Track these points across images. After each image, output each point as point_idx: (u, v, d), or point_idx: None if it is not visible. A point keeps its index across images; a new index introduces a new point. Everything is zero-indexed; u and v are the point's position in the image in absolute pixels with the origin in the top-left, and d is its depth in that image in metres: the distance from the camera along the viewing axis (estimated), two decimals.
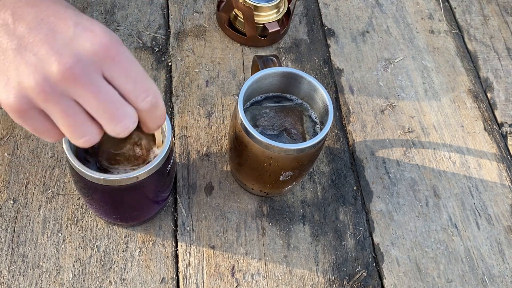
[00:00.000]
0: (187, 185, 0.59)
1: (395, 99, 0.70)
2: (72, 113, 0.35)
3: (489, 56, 0.77)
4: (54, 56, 0.33)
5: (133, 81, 0.36)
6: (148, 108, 0.37)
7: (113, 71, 0.35)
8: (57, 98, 0.34)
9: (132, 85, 0.36)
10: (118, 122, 0.36)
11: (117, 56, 0.35)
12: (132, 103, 0.36)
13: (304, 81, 0.53)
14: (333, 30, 0.76)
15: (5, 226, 0.54)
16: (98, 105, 0.34)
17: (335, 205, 0.60)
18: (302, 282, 0.55)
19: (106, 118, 0.35)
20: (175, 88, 0.67)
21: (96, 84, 0.34)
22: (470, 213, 0.62)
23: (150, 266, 0.54)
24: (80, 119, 0.35)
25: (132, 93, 0.36)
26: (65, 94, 0.34)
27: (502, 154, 0.67)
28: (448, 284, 0.57)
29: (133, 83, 0.36)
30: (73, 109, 0.34)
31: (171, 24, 0.73)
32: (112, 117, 0.35)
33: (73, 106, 0.34)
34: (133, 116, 0.36)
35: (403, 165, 0.64)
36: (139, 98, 0.36)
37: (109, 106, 0.35)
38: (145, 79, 0.37)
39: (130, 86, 0.36)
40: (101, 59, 0.34)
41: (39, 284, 0.52)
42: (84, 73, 0.33)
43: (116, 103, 0.35)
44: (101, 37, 0.34)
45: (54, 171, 0.58)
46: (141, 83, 0.36)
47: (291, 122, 0.53)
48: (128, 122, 0.36)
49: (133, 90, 0.36)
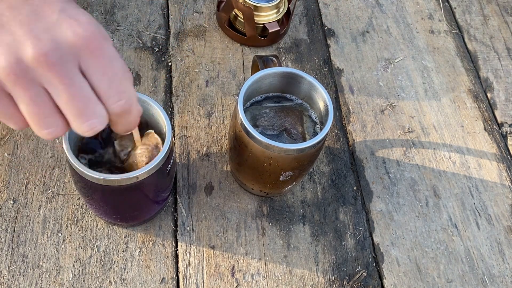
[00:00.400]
0: (187, 185, 0.59)
1: (395, 99, 0.70)
2: (39, 101, 0.33)
3: (489, 56, 0.77)
4: (31, 39, 0.31)
5: (108, 80, 0.34)
6: (118, 112, 0.35)
7: (90, 65, 0.33)
8: (26, 83, 0.32)
9: (106, 84, 0.34)
10: (85, 120, 0.34)
11: (97, 50, 0.33)
12: (104, 103, 0.34)
13: (304, 81, 0.53)
14: (333, 30, 0.76)
15: (5, 226, 0.54)
16: (67, 98, 0.33)
17: (335, 205, 0.60)
18: (302, 282, 0.55)
19: (74, 114, 0.33)
20: (175, 88, 0.67)
21: (69, 76, 0.32)
22: (470, 213, 0.62)
23: (150, 266, 0.54)
24: (47, 110, 0.33)
25: (105, 93, 0.34)
26: (36, 81, 0.32)
27: (502, 154, 0.67)
28: (448, 284, 0.57)
29: (108, 82, 0.34)
30: (41, 98, 0.33)
31: (171, 24, 0.73)
32: (80, 113, 0.33)
33: (41, 94, 0.33)
34: (102, 117, 0.34)
35: (403, 165, 0.64)
36: (110, 100, 0.34)
37: (79, 101, 0.33)
38: (122, 81, 0.35)
39: (105, 85, 0.34)
40: (80, 50, 0.32)
41: (39, 284, 0.52)
42: (60, 61, 0.32)
43: (87, 100, 0.33)
44: (85, 28, 0.32)
45: (54, 171, 0.58)
46: (116, 84, 0.34)
47: (291, 122, 0.53)
48: (95, 122, 0.34)
49: (106, 90, 0.34)
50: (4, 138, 0.60)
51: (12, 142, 0.60)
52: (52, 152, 0.59)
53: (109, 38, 0.34)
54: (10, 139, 0.60)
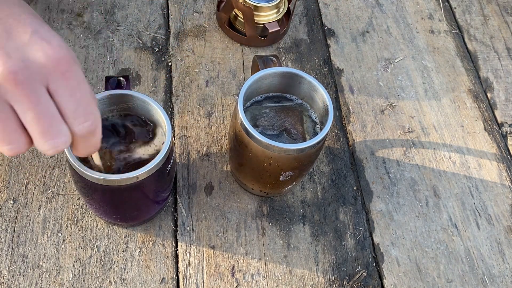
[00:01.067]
0: (187, 185, 0.59)
1: (395, 99, 0.70)
2: (3, 117, 0.33)
3: (489, 56, 0.77)
4: (1, 56, 0.32)
5: (76, 101, 0.34)
6: (83, 134, 0.36)
7: (59, 86, 0.34)
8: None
9: (74, 105, 0.34)
10: (49, 139, 0.34)
11: (67, 72, 0.34)
12: (69, 124, 0.35)
13: (304, 81, 0.53)
14: (333, 30, 0.76)
15: (5, 226, 0.54)
16: (33, 117, 0.33)
17: (335, 205, 0.60)
18: (302, 282, 0.55)
19: (38, 132, 0.34)
20: (175, 88, 0.67)
21: (36, 95, 0.33)
22: (470, 213, 0.62)
23: (150, 266, 0.54)
24: (11, 126, 0.33)
25: (72, 114, 0.34)
26: (2, 97, 0.32)
27: (502, 154, 0.67)
28: (448, 284, 0.57)
29: (75, 103, 0.34)
30: (6, 114, 0.33)
31: (171, 24, 0.73)
32: (44, 132, 0.34)
33: (6, 111, 0.33)
34: (66, 136, 0.35)
35: (403, 165, 0.64)
36: (76, 121, 0.35)
37: (43, 120, 0.33)
38: (89, 103, 0.35)
39: (72, 106, 0.34)
40: (49, 71, 0.33)
41: (39, 284, 0.52)
42: (28, 81, 0.32)
43: (52, 119, 0.34)
44: (56, 50, 0.33)
45: (54, 171, 0.58)
46: (84, 106, 0.35)
47: (291, 122, 0.53)
48: (58, 141, 0.34)
49: (73, 111, 0.34)
50: None
51: None
52: None
53: (78, 62, 0.35)
54: None
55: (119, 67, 0.67)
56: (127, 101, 0.49)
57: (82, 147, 0.37)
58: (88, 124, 0.35)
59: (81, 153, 0.38)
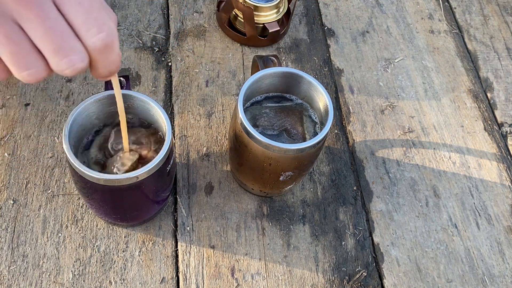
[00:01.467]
0: (187, 185, 0.59)
1: (395, 99, 0.70)
2: (16, 39, 0.31)
3: (489, 56, 0.77)
4: None
5: (85, 11, 0.31)
6: (99, 47, 0.32)
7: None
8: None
9: (83, 15, 0.31)
10: (63, 57, 0.31)
11: None
12: (82, 38, 0.32)
13: (304, 81, 0.53)
14: (333, 30, 0.76)
15: (5, 226, 0.54)
16: (43, 34, 0.31)
17: (335, 205, 0.60)
18: (302, 282, 0.55)
19: (51, 50, 0.31)
20: (175, 88, 0.67)
21: (44, 9, 0.30)
22: (470, 213, 0.62)
23: (150, 266, 0.54)
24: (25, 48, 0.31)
25: (83, 25, 0.31)
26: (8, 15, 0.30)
27: (502, 154, 0.67)
28: (448, 284, 0.57)
29: (85, 13, 0.31)
30: (17, 35, 0.31)
31: (171, 24, 0.73)
32: (57, 49, 0.31)
33: (17, 31, 0.31)
34: (81, 53, 0.32)
35: (403, 165, 0.64)
36: (89, 32, 0.32)
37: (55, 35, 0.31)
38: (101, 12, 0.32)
39: (82, 16, 0.31)
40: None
41: (39, 284, 0.52)
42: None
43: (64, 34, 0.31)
44: None
45: (54, 171, 0.58)
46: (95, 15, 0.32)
47: (291, 122, 0.53)
48: (75, 59, 0.32)
49: (84, 22, 0.31)
50: (4, 138, 0.60)
51: (12, 142, 0.60)
52: (52, 152, 0.59)
53: None
54: (10, 139, 0.60)
55: (119, 67, 0.67)
56: (127, 101, 0.49)
57: (101, 66, 0.34)
58: (103, 35, 0.32)
59: (102, 72, 0.35)
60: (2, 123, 0.61)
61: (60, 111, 0.63)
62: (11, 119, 0.61)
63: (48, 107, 0.63)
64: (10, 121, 0.61)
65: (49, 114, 0.62)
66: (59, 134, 0.61)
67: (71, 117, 0.46)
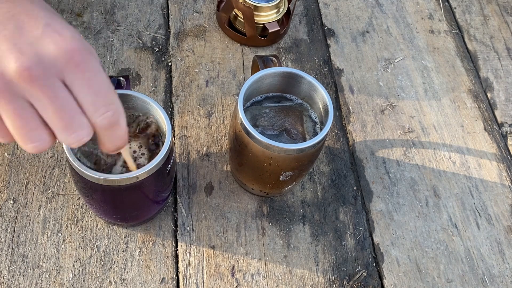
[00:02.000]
0: (187, 185, 0.59)
1: (395, 99, 0.70)
2: (24, 115, 0.33)
3: (489, 56, 0.77)
4: (14, 53, 0.31)
5: (94, 92, 0.33)
6: (105, 125, 0.35)
7: (75, 79, 0.33)
8: (10, 97, 0.32)
9: (92, 96, 0.33)
10: (72, 132, 0.34)
11: (82, 64, 0.33)
12: (89, 116, 0.34)
13: (304, 81, 0.53)
14: (333, 30, 0.76)
15: (5, 226, 0.54)
16: (53, 112, 0.33)
17: (335, 205, 0.60)
18: (302, 282, 0.55)
19: (61, 127, 0.33)
20: (175, 88, 0.67)
21: (53, 89, 0.32)
22: (470, 213, 0.62)
23: (150, 266, 0.54)
24: (32, 123, 0.33)
25: (91, 106, 0.34)
26: (20, 95, 0.32)
27: (502, 154, 0.67)
28: (448, 284, 0.57)
29: (94, 94, 0.33)
30: (26, 112, 0.33)
31: (171, 24, 0.73)
32: (67, 126, 0.33)
33: (26, 108, 0.33)
34: (88, 127, 0.34)
35: (403, 165, 0.64)
36: (97, 112, 0.34)
37: (64, 114, 0.33)
38: (109, 93, 0.34)
39: (91, 98, 0.33)
40: (63, 64, 0.32)
41: (39, 284, 0.52)
42: (43, 75, 0.32)
43: (72, 112, 0.33)
44: (69, 42, 0.33)
45: (54, 171, 0.58)
46: (103, 96, 0.34)
47: (291, 122, 0.53)
48: (82, 133, 0.34)
49: (93, 102, 0.34)
50: None
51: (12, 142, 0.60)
52: (52, 152, 0.59)
53: (94, 52, 0.34)
54: None
55: (119, 67, 0.67)
56: (127, 101, 0.49)
57: (108, 141, 0.36)
58: (109, 114, 0.34)
59: (108, 147, 0.37)
60: None
61: None
62: None
63: None
64: None
65: None
66: None
67: None
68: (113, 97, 0.35)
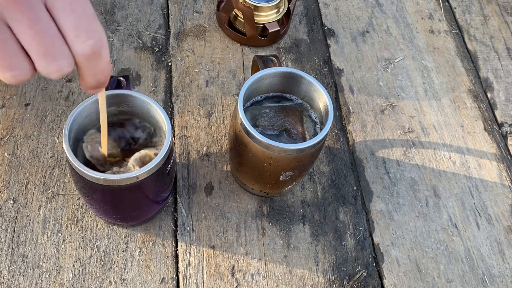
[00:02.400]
0: (187, 185, 0.59)
1: (395, 99, 0.70)
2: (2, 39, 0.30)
3: (489, 56, 0.77)
4: None
5: (76, 17, 0.31)
6: (87, 54, 0.32)
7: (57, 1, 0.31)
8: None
9: (75, 21, 0.31)
10: (51, 60, 0.31)
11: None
12: (70, 43, 0.32)
13: (304, 81, 0.53)
14: (333, 30, 0.76)
15: (5, 226, 0.54)
16: (33, 36, 0.30)
17: (335, 205, 0.60)
18: (302, 282, 0.55)
19: (40, 53, 0.31)
20: (175, 88, 0.67)
21: (35, 11, 0.30)
22: (470, 213, 0.62)
23: (150, 266, 0.54)
24: (12, 49, 0.31)
25: (73, 31, 0.31)
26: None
27: (502, 154, 0.67)
28: (448, 284, 0.57)
29: (76, 19, 0.31)
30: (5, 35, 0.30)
31: (171, 24, 0.73)
32: (46, 52, 0.31)
33: (5, 32, 0.30)
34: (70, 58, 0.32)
35: (403, 165, 0.64)
36: (78, 39, 0.31)
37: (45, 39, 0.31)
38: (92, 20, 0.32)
39: (73, 22, 0.31)
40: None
41: (39, 284, 0.52)
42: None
43: (54, 38, 0.31)
44: None
45: (54, 171, 0.58)
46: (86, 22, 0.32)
47: (291, 122, 0.53)
48: (63, 63, 0.32)
49: (74, 27, 0.31)
50: (4, 138, 0.60)
51: (12, 142, 0.60)
52: (52, 152, 0.59)
53: None
54: (10, 139, 0.60)
55: (119, 67, 0.67)
56: (127, 101, 0.49)
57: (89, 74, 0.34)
58: (91, 42, 0.32)
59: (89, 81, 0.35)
60: (2, 123, 0.61)
61: (60, 111, 0.63)
62: (11, 119, 0.61)
63: (48, 107, 0.63)
64: (10, 121, 0.61)
65: (49, 114, 0.62)
66: (59, 134, 0.61)
67: (71, 117, 0.46)
68: (96, 25, 0.32)
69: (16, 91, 0.63)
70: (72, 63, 0.32)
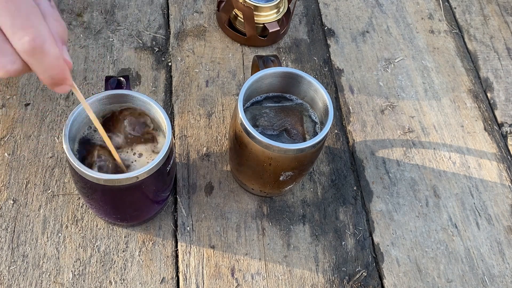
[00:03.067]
0: (187, 185, 0.59)
1: (395, 99, 0.70)
2: None
3: (489, 56, 0.77)
4: None
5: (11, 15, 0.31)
6: (27, 50, 0.32)
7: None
8: None
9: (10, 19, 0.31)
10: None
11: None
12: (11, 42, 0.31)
13: (304, 81, 0.53)
14: (333, 30, 0.76)
15: (5, 226, 0.54)
16: None
17: (335, 205, 0.60)
18: (302, 282, 0.55)
19: None
20: (175, 88, 0.67)
21: None
22: (470, 213, 0.62)
23: (150, 266, 0.54)
24: None
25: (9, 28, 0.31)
26: None
27: (502, 154, 0.67)
28: (448, 284, 0.57)
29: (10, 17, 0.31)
30: None
31: (171, 24, 0.73)
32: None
33: None
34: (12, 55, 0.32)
35: (403, 165, 0.64)
36: (15, 36, 0.31)
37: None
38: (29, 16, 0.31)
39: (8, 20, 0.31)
40: None
41: (39, 284, 0.52)
42: None
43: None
44: None
45: (54, 171, 0.58)
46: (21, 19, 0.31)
47: (291, 122, 0.53)
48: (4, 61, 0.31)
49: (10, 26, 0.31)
50: (4, 138, 0.60)
51: (12, 142, 0.60)
52: (52, 152, 0.59)
53: None
54: (10, 139, 0.60)
55: (119, 67, 0.67)
56: (127, 101, 0.49)
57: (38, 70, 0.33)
58: (28, 38, 0.31)
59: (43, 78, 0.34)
60: (2, 123, 0.61)
61: (60, 111, 0.63)
62: (11, 119, 0.61)
63: (48, 107, 0.63)
64: (10, 121, 0.61)
65: (49, 114, 0.62)
66: (59, 134, 0.61)
67: (71, 117, 0.46)
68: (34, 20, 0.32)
69: (16, 91, 0.63)
70: (15, 60, 0.32)
